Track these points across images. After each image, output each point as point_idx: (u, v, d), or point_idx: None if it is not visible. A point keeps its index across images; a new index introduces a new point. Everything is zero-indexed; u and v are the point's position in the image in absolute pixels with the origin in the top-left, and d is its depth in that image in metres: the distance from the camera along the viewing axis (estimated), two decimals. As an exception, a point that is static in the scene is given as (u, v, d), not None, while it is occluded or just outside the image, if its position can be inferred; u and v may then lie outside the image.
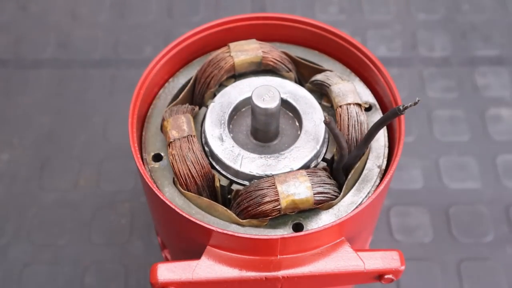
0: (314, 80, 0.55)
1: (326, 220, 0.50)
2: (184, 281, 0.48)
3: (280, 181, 0.49)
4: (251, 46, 0.56)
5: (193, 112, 0.54)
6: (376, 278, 0.50)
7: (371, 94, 0.56)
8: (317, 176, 0.50)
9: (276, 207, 0.49)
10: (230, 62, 0.56)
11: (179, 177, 0.51)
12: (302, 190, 0.49)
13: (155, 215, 0.59)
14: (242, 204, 0.49)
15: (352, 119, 0.52)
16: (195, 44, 0.58)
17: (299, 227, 0.50)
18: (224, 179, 0.52)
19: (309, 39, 0.59)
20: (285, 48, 0.59)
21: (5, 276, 0.75)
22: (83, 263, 0.76)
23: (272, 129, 0.53)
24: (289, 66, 0.57)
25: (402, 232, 0.78)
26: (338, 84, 0.53)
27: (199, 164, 0.51)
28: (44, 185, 0.82)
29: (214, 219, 0.50)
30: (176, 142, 0.51)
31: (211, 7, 0.98)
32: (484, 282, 0.75)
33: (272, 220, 0.50)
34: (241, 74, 0.57)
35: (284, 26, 0.59)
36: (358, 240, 0.57)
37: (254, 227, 0.50)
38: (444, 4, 0.98)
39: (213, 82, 0.56)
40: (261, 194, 0.49)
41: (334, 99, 0.53)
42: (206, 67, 0.56)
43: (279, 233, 0.49)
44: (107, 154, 0.84)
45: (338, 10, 0.98)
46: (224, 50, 0.57)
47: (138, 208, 0.80)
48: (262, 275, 0.49)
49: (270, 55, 0.56)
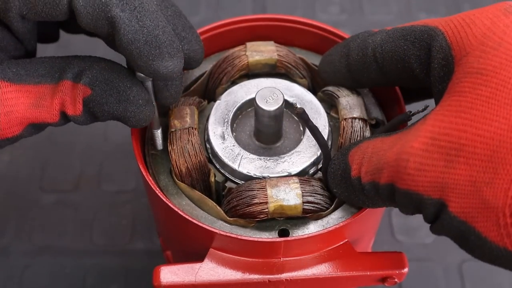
0: (326, 89, 0.55)
1: (314, 230, 0.50)
2: (187, 284, 0.48)
3: (272, 184, 0.49)
4: (267, 48, 0.56)
5: (199, 106, 0.55)
6: (379, 281, 0.50)
7: (381, 111, 0.56)
8: (309, 185, 0.49)
9: (263, 210, 0.49)
10: (244, 61, 0.56)
11: (175, 167, 0.51)
12: (291, 197, 0.48)
13: (154, 212, 0.59)
14: (231, 202, 0.50)
15: (355, 133, 0.51)
16: (213, 38, 0.58)
17: (285, 233, 0.50)
18: (220, 175, 0.52)
19: (328, 48, 0.57)
20: (304, 55, 0.59)
21: (6, 278, 0.75)
22: (84, 264, 0.76)
23: (274, 132, 0.53)
24: (304, 72, 0.57)
25: (404, 232, 0.78)
26: (347, 97, 0.53)
27: (196, 157, 0.51)
28: (44, 186, 0.82)
29: (203, 213, 0.50)
30: (176, 132, 0.52)
31: (212, 7, 0.98)
32: (486, 282, 0.75)
33: (259, 223, 0.50)
34: (255, 74, 0.57)
35: (304, 32, 0.58)
36: (361, 242, 0.57)
37: (240, 227, 0.50)
38: (444, 4, 0.98)
39: (226, 78, 0.56)
40: (251, 195, 0.49)
41: (341, 111, 0.53)
42: (221, 63, 0.57)
43: (264, 236, 0.49)
44: (108, 154, 0.84)
45: (339, 10, 0.98)
46: (240, 48, 0.57)
47: (139, 209, 0.79)
48: (265, 277, 0.49)
49: (285, 59, 0.56)
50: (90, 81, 0.44)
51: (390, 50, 0.48)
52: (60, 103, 0.44)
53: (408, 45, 0.46)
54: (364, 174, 0.44)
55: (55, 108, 0.44)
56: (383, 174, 0.42)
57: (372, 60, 0.49)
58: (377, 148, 0.44)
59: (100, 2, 0.42)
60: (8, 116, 0.43)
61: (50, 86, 0.44)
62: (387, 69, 0.48)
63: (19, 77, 0.44)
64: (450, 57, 0.43)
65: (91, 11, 0.42)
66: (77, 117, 0.45)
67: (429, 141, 0.40)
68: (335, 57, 0.53)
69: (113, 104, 0.45)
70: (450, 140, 0.39)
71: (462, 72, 0.41)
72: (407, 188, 0.41)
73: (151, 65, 0.43)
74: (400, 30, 0.48)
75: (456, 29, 0.43)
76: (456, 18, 0.44)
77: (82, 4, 0.42)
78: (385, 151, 0.43)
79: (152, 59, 0.43)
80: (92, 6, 0.42)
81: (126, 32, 0.42)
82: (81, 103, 0.44)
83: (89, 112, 0.45)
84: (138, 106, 0.45)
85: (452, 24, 0.44)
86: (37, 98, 0.44)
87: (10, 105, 0.43)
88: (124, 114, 0.45)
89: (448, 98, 0.41)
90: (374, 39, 0.49)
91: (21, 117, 0.44)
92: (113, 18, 0.42)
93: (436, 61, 0.44)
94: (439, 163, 0.39)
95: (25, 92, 0.44)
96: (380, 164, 0.43)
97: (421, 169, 0.40)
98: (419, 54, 0.46)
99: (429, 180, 0.40)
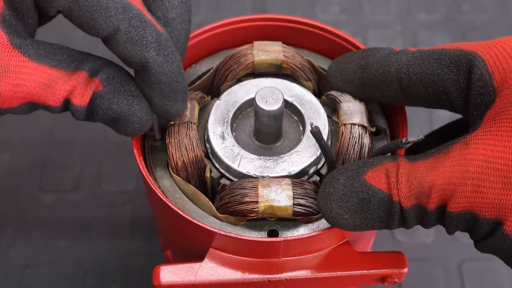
0: (329, 94, 0.55)
1: (303, 232, 0.50)
2: (187, 284, 0.48)
3: (264, 184, 0.49)
4: (274, 48, 0.56)
5: (202, 101, 0.55)
6: (379, 280, 0.50)
7: (384, 119, 0.56)
8: (302, 188, 0.50)
9: (254, 209, 0.49)
10: (250, 60, 0.56)
11: (171, 160, 0.51)
12: (282, 198, 0.49)
13: (152, 208, 0.59)
14: (223, 199, 0.50)
15: (353, 139, 0.51)
16: (223, 35, 0.58)
17: (275, 234, 0.50)
18: (215, 172, 0.52)
19: (338, 52, 0.57)
20: (312, 57, 0.59)
21: (6, 278, 0.75)
22: (84, 264, 0.76)
23: (274, 132, 0.53)
24: (309, 75, 0.57)
25: (404, 232, 0.78)
26: (348, 102, 0.53)
27: (193, 152, 0.51)
28: (44, 185, 0.82)
29: (195, 208, 0.51)
30: (175, 125, 0.52)
31: (212, 8, 0.98)
32: (486, 282, 0.75)
33: (249, 222, 0.50)
34: (261, 73, 0.57)
35: (312, 34, 0.58)
36: (361, 242, 0.57)
37: (230, 224, 0.50)
38: (445, 4, 0.98)
39: (231, 76, 0.56)
40: (242, 193, 0.49)
41: (341, 116, 0.53)
42: (227, 60, 0.57)
43: (253, 235, 0.49)
44: (108, 154, 0.84)
45: (339, 10, 0.98)
46: (248, 47, 0.57)
47: (139, 209, 0.79)
48: (265, 277, 0.49)
49: (291, 60, 0.56)
50: (106, 78, 0.46)
51: (419, 72, 0.48)
52: (69, 90, 0.46)
53: (443, 69, 0.47)
54: (405, 198, 0.43)
55: (62, 94, 0.46)
56: (432, 197, 0.43)
57: (394, 80, 0.49)
58: (412, 171, 0.44)
59: (141, 43, 0.45)
60: (16, 88, 0.45)
61: (65, 73, 0.46)
62: (413, 91, 0.48)
63: (39, 56, 0.45)
64: (491, 87, 0.44)
65: (130, 47, 0.45)
66: (79, 108, 0.46)
67: (484, 164, 0.41)
68: (349, 66, 0.53)
69: (123, 105, 0.47)
70: (506, 163, 0.41)
71: (507, 102, 0.43)
72: (461, 210, 0.42)
73: (166, 105, 0.48)
74: (430, 53, 0.48)
75: (497, 58, 0.44)
76: (495, 45, 0.45)
77: (124, 39, 0.45)
78: (424, 174, 0.43)
79: (169, 100, 0.48)
80: (132, 43, 0.45)
81: (156, 73, 0.46)
82: (90, 96, 0.46)
83: (92, 107, 0.47)
84: (146, 114, 0.48)
85: (492, 51, 0.45)
86: (49, 80, 0.45)
87: (22, 79, 0.45)
88: (130, 118, 0.47)
89: (494, 125, 0.42)
90: (399, 58, 0.49)
91: (26, 93, 0.45)
92: (148, 59, 0.45)
93: (474, 88, 0.45)
94: (496, 185, 0.41)
95: (40, 71, 0.45)
96: (424, 188, 0.43)
97: (478, 191, 0.41)
98: (457, 79, 0.46)
99: (486, 201, 0.41)
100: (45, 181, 0.82)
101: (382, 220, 0.45)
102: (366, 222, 0.45)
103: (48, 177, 0.82)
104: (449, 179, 0.42)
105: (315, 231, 0.48)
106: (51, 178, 0.82)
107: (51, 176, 0.82)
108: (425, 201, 0.43)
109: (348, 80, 0.53)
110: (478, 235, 0.43)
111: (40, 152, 0.84)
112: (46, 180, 0.82)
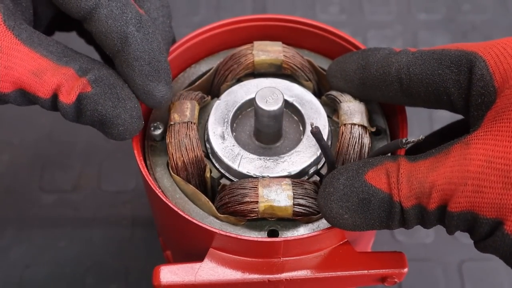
0: (329, 94, 0.55)
1: (304, 232, 0.50)
2: (187, 284, 0.48)
3: (264, 184, 0.49)
4: (274, 48, 0.56)
5: (202, 101, 0.55)
6: (379, 280, 0.50)
7: (384, 119, 0.56)
8: (302, 188, 0.49)
9: (254, 209, 0.49)
10: (250, 60, 0.56)
11: (171, 160, 0.51)
12: (282, 198, 0.49)
13: (152, 208, 0.59)
14: (224, 199, 0.50)
15: (353, 139, 0.51)
16: (223, 35, 0.58)
17: (275, 234, 0.50)
18: (215, 172, 0.52)
19: (338, 52, 0.57)
20: (312, 57, 0.59)
21: (6, 278, 0.75)
22: (84, 264, 0.76)
23: (274, 132, 0.53)
24: (309, 75, 0.57)
25: (404, 232, 0.78)
26: (348, 102, 0.53)
27: (193, 152, 0.51)
28: (44, 185, 0.82)
29: (195, 208, 0.51)
30: (175, 125, 0.52)
31: (212, 7, 0.98)
32: (486, 282, 0.75)
33: (249, 222, 0.50)
34: (261, 73, 0.57)
35: (312, 34, 0.58)
36: (361, 241, 0.57)
37: (230, 224, 0.50)
38: (445, 4, 0.98)
39: (231, 76, 0.56)
40: (242, 193, 0.49)
41: (341, 116, 0.52)
42: (227, 60, 0.57)
43: (253, 235, 0.49)
44: (108, 154, 0.84)
45: (339, 10, 0.98)
46: (248, 47, 0.57)
47: (139, 209, 0.79)
48: (265, 277, 0.49)
49: (291, 60, 0.56)
50: (95, 79, 0.46)
51: (419, 73, 0.48)
52: (56, 84, 0.46)
53: (443, 69, 0.47)
54: (406, 198, 0.43)
55: (50, 86, 0.46)
56: (432, 197, 0.43)
57: (394, 80, 0.49)
58: (413, 171, 0.44)
59: (122, 18, 0.46)
60: (7, 70, 0.45)
61: (54, 65, 0.46)
62: (413, 91, 0.48)
63: (32, 43, 0.46)
64: (492, 87, 0.44)
65: (111, 22, 0.46)
66: (66, 106, 0.46)
67: (484, 164, 0.41)
68: (349, 66, 0.52)
69: (108, 108, 0.47)
70: (506, 163, 0.41)
71: (507, 102, 0.43)
72: (461, 210, 0.42)
73: (148, 85, 0.47)
74: (430, 53, 0.48)
75: (498, 59, 0.44)
76: (496, 45, 0.45)
77: (105, 14, 0.45)
78: (425, 174, 0.43)
79: (151, 80, 0.47)
80: (113, 18, 0.46)
81: (135, 49, 0.46)
82: (76, 95, 0.46)
83: (80, 107, 0.47)
84: (131, 117, 0.47)
85: (493, 52, 0.45)
86: (38, 69, 0.46)
87: (13, 62, 0.45)
88: (114, 120, 0.47)
89: (494, 125, 0.42)
90: (399, 59, 0.49)
91: (17, 77, 0.46)
92: (128, 34, 0.46)
93: (475, 88, 0.45)
94: (496, 185, 0.41)
95: (31, 58, 0.46)
96: (424, 188, 0.43)
97: (478, 191, 0.41)
98: (458, 79, 0.46)
99: (486, 201, 0.41)
100: (45, 181, 0.82)
101: (382, 220, 0.45)
102: (366, 222, 0.45)
103: (48, 177, 0.82)
104: (450, 179, 0.42)
105: (315, 231, 0.48)
106: (51, 178, 0.82)
107: (51, 176, 0.82)
108: (425, 201, 0.43)
109: (348, 80, 0.53)
110: (478, 235, 0.43)
111: (40, 152, 0.84)
112: (46, 180, 0.82)
